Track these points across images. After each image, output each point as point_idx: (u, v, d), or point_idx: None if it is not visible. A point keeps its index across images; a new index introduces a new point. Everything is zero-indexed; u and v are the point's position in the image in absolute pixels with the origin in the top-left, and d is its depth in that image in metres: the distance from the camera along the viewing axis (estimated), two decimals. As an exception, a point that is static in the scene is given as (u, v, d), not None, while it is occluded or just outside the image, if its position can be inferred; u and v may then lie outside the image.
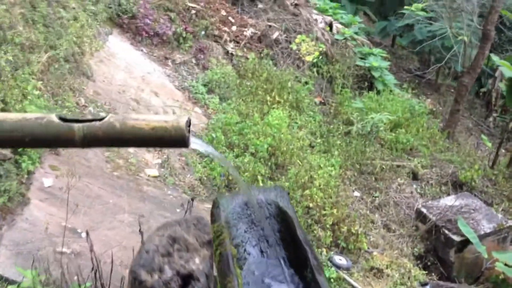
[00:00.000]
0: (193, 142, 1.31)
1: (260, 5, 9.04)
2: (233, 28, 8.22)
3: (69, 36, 5.21)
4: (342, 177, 6.32)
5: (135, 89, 6.25)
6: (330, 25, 9.23)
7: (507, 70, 6.74)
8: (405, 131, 7.56)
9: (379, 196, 6.30)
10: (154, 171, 5.07)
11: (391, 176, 6.72)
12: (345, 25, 9.68)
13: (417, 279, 4.99)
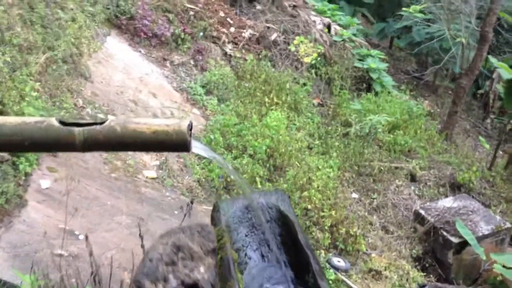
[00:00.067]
0: (195, 146, 1.30)
1: (259, 7, 9.03)
2: (232, 29, 8.22)
3: (67, 37, 5.19)
4: (340, 178, 6.32)
5: (133, 90, 6.23)
6: (328, 26, 9.23)
7: (505, 72, 6.75)
8: (403, 132, 7.56)
9: (377, 197, 6.29)
10: (152, 172, 5.05)
11: (389, 177, 6.72)
12: (344, 26, 9.68)
13: (416, 281, 4.99)
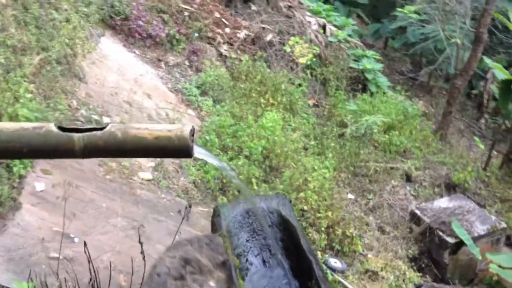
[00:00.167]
0: (197, 152, 1.27)
1: (254, 7, 9.02)
2: (227, 30, 8.19)
3: (61, 38, 5.15)
4: (336, 179, 6.31)
5: (127, 91, 6.20)
6: (323, 27, 9.23)
7: (499, 72, 6.77)
8: (398, 133, 7.57)
9: (373, 198, 6.29)
10: (148, 174, 5.02)
11: (385, 178, 6.72)
12: (339, 27, 9.68)
13: (412, 281, 4.99)
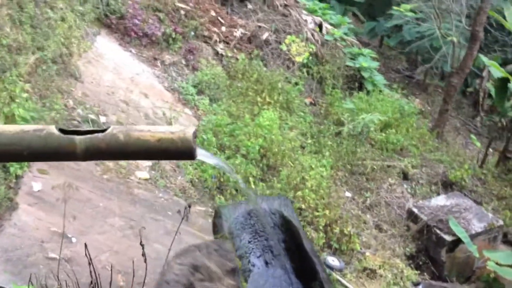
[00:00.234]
0: (200, 154, 1.26)
1: (250, 6, 9.00)
2: (223, 28, 8.17)
3: (56, 37, 5.12)
4: (334, 177, 6.31)
5: (124, 90, 6.17)
6: (320, 25, 9.22)
7: (495, 70, 6.77)
8: (395, 131, 7.58)
9: (370, 196, 6.30)
10: (145, 173, 5.00)
11: (382, 176, 6.73)
12: (335, 25, 9.67)
13: (410, 279, 5.00)
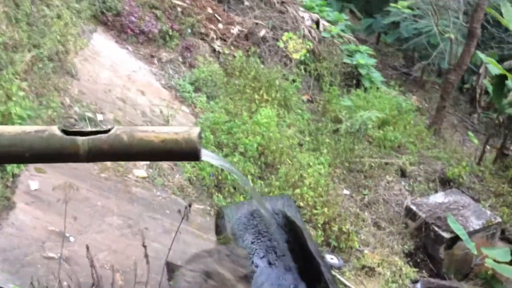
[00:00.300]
0: (204, 154, 1.22)
1: (247, 3, 8.96)
2: (220, 25, 8.14)
3: (53, 35, 5.07)
4: (332, 175, 6.30)
5: (121, 88, 6.13)
6: (317, 22, 9.19)
7: (493, 67, 6.76)
8: (392, 128, 7.57)
9: (368, 193, 6.29)
10: (142, 172, 4.97)
11: (379, 173, 6.72)
12: (332, 22, 9.64)
13: (408, 276, 5.00)
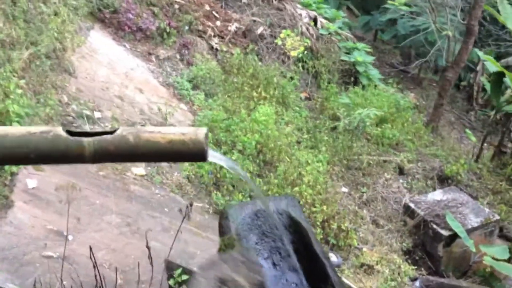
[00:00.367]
0: (211, 155, 1.20)
1: (244, 0, 8.93)
2: (217, 23, 8.11)
3: (50, 32, 5.04)
4: (330, 173, 6.29)
5: (118, 85, 6.10)
6: (314, 20, 9.17)
7: (491, 64, 6.78)
8: (390, 126, 7.56)
9: (366, 191, 6.29)
10: (141, 169, 4.95)
11: (378, 171, 6.72)
12: (329, 19, 9.63)
13: (407, 274, 5.00)
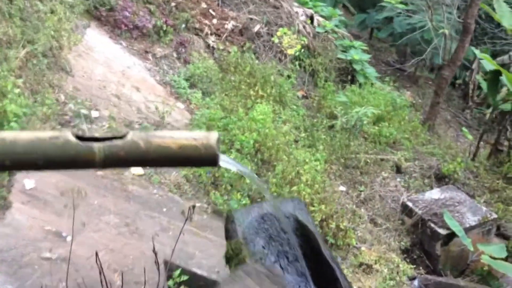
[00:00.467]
0: (222, 160, 1.16)
1: (241, -2, 8.89)
2: (214, 21, 8.07)
3: (46, 30, 4.99)
4: (328, 171, 6.29)
5: (115, 84, 6.05)
6: (311, 18, 9.15)
7: (487, 63, 6.79)
8: (387, 124, 7.57)
9: (364, 190, 6.29)
10: (139, 169, 4.92)
11: (375, 169, 6.73)
12: (326, 18, 9.61)
13: (406, 273, 5.01)
